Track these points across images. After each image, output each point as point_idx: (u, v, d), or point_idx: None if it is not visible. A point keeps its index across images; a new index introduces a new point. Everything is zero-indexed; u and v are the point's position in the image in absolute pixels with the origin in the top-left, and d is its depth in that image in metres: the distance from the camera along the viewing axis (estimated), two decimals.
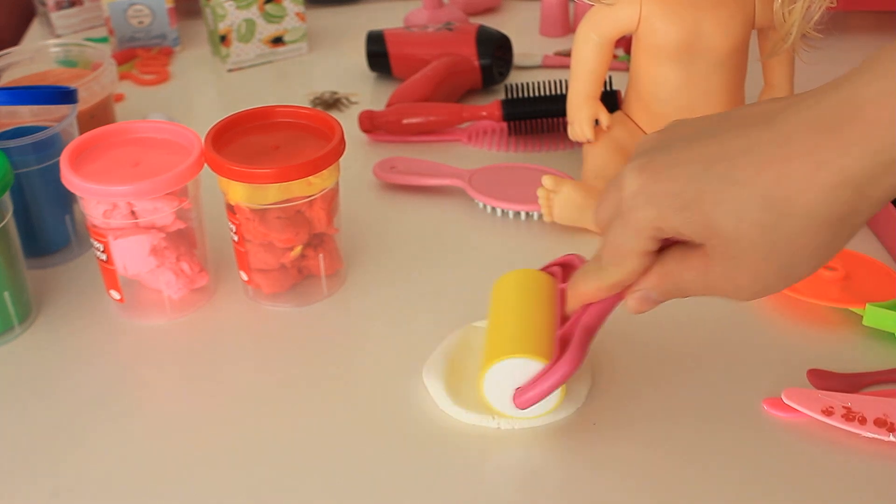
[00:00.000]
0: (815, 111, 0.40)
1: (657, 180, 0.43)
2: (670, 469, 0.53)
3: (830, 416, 0.55)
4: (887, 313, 0.60)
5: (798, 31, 0.67)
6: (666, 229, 0.44)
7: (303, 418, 0.58)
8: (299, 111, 0.67)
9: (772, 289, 0.44)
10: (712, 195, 0.41)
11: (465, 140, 0.88)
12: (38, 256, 0.72)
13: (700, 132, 0.43)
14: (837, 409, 0.55)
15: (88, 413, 0.59)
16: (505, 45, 0.97)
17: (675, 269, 0.45)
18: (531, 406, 0.53)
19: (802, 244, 0.41)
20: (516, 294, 0.56)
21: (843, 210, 0.40)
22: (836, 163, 0.39)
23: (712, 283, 0.44)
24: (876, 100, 0.38)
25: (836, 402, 0.55)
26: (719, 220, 0.41)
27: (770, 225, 0.41)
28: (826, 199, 0.39)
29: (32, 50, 0.85)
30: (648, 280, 0.47)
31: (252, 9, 1.01)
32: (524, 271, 0.57)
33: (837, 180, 0.39)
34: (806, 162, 0.39)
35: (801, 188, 0.39)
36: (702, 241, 0.43)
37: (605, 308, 0.51)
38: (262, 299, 0.68)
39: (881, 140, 0.38)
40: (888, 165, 0.38)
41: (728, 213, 0.41)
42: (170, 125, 0.67)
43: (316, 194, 0.64)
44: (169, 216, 0.64)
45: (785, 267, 0.42)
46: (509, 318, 0.55)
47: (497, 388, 0.54)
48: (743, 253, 0.42)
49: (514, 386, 0.53)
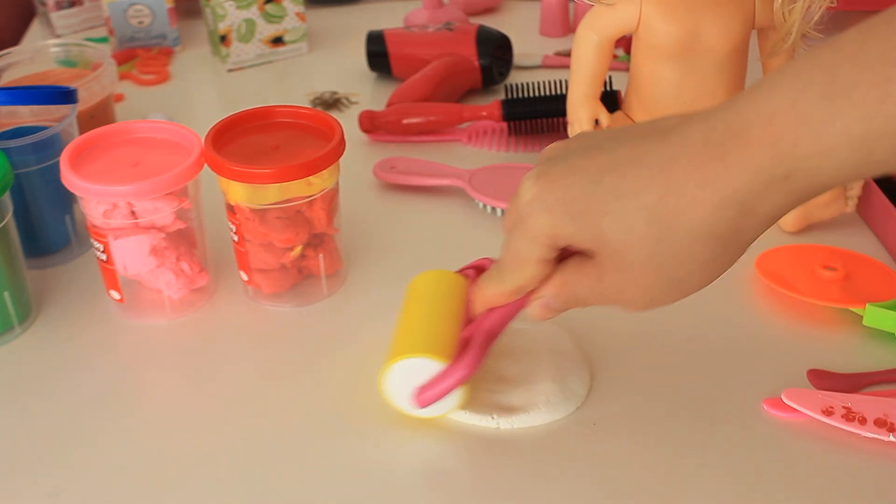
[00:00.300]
0: (705, 128, 0.40)
1: (552, 189, 0.43)
2: (670, 468, 0.53)
3: (830, 416, 0.55)
4: (887, 313, 0.60)
5: (798, 31, 0.67)
6: (561, 237, 0.44)
7: (302, 418, 0.58)
8: (299, 111, 0.67)
9: (661, 301, 0.44)
10: (601, 206, 0.42)
11: (465, 140, 0.88)
12: (38, 256, 0.72)
13: (599, 143, 0.44)
14: (837, 410, 0.55)
15: (88, 413, 0.59)
16: (505, 45, 0.97)
17: (573, 277, 0.46)
18: (430, 405, 0.54)
19: (688, 258, 0.41)
20: (427, 294, 0.57)
21: (728, 227, 0.40)
22: (720, 181, 0.39)
23: (606, 293, 0.45)
24: (759, 120, 0.38)
25: (836, 403, 0.55)
26: (607, 231, 0.42)
27: (655, 238, 0.41)
28: (711, 216, 0.40)
29: (32, 50, 0.85)
30: (548, 288, 0.48)
31: (252, 9, 1.01)
32: (438, 272, 0.58)
33: (720, 198, 0.39)
34: (692, 178, 0.40)
35: (686, 204, 0.40)
36: (593, 250, 0.44)
37: (508, 313, 0.52)
38: (262, 299, 0.68)
39: (761, 159, 0.38)
40: (770, 184, 0.39)
41: (615, 224, 0.42)
42: (170, 125, 0.67)
43: (316, 194, 0.64)
44: (169, 216, 0.64)
45: (673, 280, 0.43)
46: (415, 317, 0.56)
47: (399, 386, 0.55)
48: (630, 265, 0.42)
49: (415, 384, 0.54)
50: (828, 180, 0.38)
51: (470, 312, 0.54)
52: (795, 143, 0.37)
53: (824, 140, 0.37)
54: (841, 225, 0.72)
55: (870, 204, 0.72)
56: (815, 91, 0.37)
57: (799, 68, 0.38)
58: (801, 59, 0.38)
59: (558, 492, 0.53)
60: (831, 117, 0.37)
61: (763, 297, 0.66)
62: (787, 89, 0.38)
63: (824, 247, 0.68)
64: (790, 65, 0.39)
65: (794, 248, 0.69)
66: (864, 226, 0.73)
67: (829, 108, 0.37)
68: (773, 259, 0.67)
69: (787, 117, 0.38)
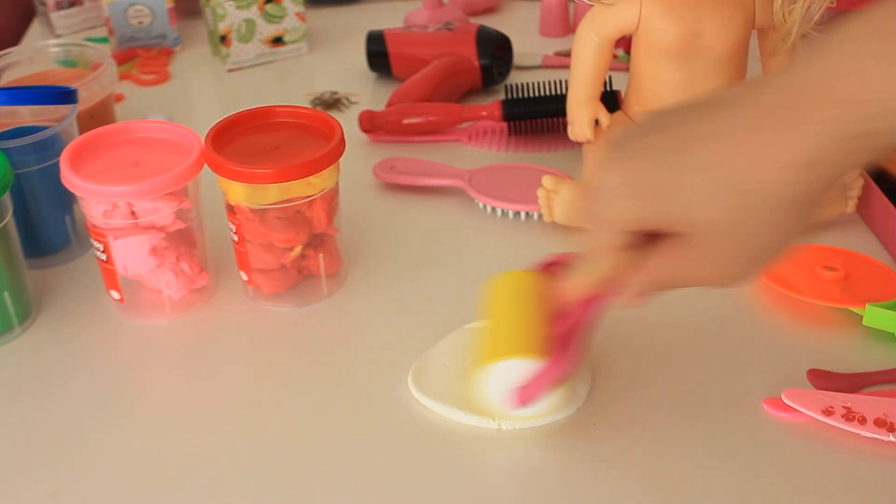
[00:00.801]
0: (781, 93, 0.40)
1: (632, 173, 0.44)
2: (670, 469, 0.53)
3: (830, 416, 0.55)
4: (887, 313, 0.60)
5: (798, 31, 0.67)
6: (648, 221, 0.44)
7: (302, 418, 0.58)
8: (299, 111, 0.67)
9: (749, 272, 0.44)
10: (683, 185, 0.42)
11: (465, 140, 0.88)
12: (38, 256, 0.72)
13: (668, 122, 0.44)
14: (837, 409, 0.55)
15: (88, 413, 0.59)
16: (505, 45, 0.97)
17: (662, 261, 0.46)
18: (531, 403, 0.53)
19: (773, 225, 0.42)
20: (510, 294, 0.56)
21: (806, 189, 0.40)
22: (799, 145, 0.39)
23: (696, 272, 0.45)
24: (846, 78, 0.38)
25: (836, 402, 0.55)
26: (690, 208, 0.42)
27: (739, 209, 0.41)
28: (791, 181, 0.40)
29: (32, 50, 0.85)
30: (640, 274, 0.47)
31: (252, 9, 1.01)
32: (516, 272, 0.58)
33: (799, 163, 0.40)
34: (768, 145, 0.40)
35: (764, 173, 0.40)
36: (680, 230, 0.44)
37: (599, 305, 0.52)
38: (262, 299, 0.68)
39: (845, 119, 0.39)
40: (850, 141, 0.39)
41: (698, 201, 0.42)
42: (169, 125, 0.67)
43: (316, 194, 0.64)
44: (169, 216, 0.64)
45: (759, 248, 0.43)
46: (504, 318, 0.55)
47: (492, 388, 0.54)
48: (717, 239, 0.43)
49: (509, 385, 0.53)
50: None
51: (559, 307, 0.53)
52: (885, 98, 0.38)
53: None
54: (841, 225, 0.72)
55: (870, 204, 0.72)
56: (874, 35, 0.38)
57: (866, 31, 0.38)
58: (862, 22, 0.39)
59: (558, 492, 0.53)
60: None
61: (764, 297, 0.66)
62: (868, 49, 0.38)
63: (824, 247, 0.68)
64: (854, 27, 0.39)
65: (795, 248, 0.69)
66: (864, 226, 0.73)
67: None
68: None
69: (876, 72, 0.38)
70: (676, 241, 0.45)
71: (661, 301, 0.65)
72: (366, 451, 0.55)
